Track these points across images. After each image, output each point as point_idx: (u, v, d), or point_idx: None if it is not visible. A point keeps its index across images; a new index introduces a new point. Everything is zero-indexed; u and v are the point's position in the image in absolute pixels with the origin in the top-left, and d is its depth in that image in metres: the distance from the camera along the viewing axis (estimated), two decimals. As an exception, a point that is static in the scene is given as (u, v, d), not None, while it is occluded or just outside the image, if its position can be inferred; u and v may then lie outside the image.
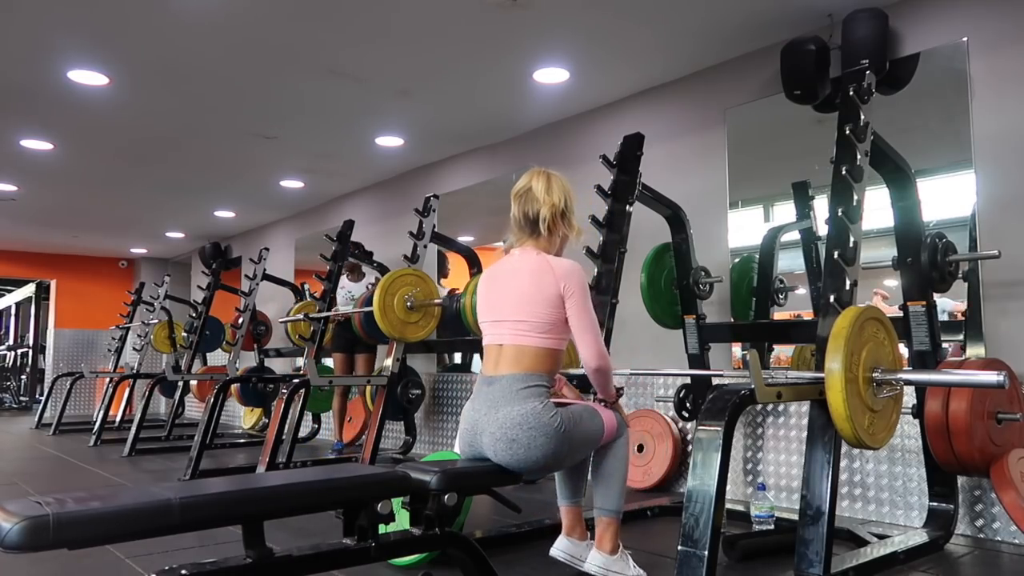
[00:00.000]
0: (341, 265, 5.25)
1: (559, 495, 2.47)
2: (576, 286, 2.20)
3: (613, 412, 2.34)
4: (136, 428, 6.02)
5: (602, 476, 2.32)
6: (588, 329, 2.20)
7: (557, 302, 2.19)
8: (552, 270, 2.21)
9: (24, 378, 12.78)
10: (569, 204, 2.34)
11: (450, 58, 4.01)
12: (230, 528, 1.72)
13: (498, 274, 2.32)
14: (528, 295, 2.20)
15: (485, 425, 2.15)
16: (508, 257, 2.34)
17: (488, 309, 2.31)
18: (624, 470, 2.34)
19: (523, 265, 2.25)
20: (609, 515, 2.29)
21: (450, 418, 5.53)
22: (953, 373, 2.49)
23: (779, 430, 3.64)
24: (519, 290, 2.22)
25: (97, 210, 7.85)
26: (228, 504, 1.59)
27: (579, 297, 2.20)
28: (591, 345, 2.21)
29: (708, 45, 3.87)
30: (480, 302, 2.34)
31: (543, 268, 2.22)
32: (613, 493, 2.30)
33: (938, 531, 2.79)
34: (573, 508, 2.44)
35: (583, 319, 2.19)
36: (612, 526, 2.28)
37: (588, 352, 2.21)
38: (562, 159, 4.90)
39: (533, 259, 2.25)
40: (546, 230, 2.28)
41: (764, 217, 4.07)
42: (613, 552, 2.26)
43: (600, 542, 2.28)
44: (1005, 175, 3.03)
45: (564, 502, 2.46)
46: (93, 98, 4.53)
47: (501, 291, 2.27)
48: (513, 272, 2.27)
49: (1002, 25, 3.08)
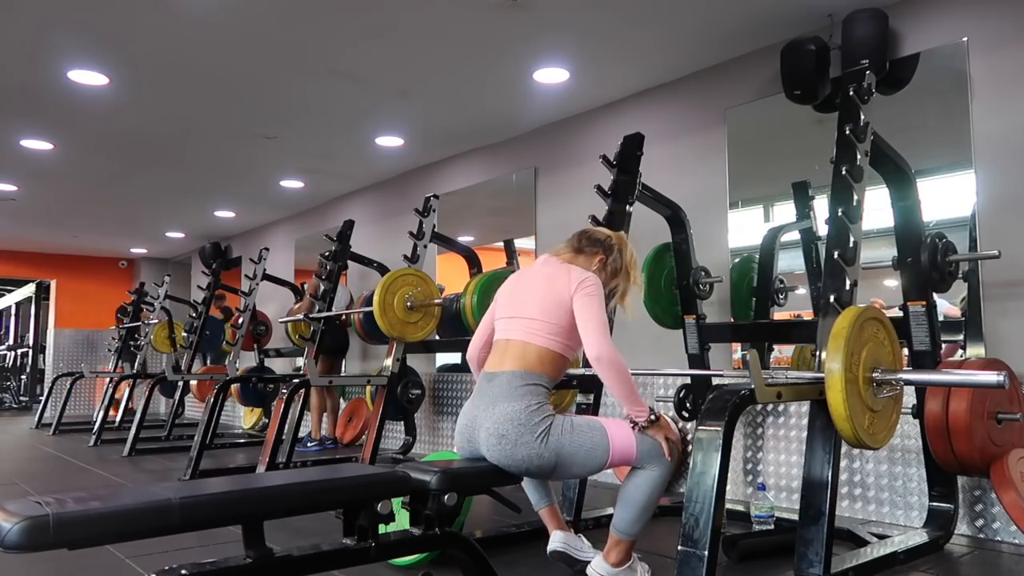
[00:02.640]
0: (341, 265, 5.26)
1: (532, 502, 2.48)
2: (587, 289, 2.21)
3: (639, 436, 2.17)
4: (136, 428, 6.02)
5: (622, 497, 2.22)
6: (591, 321, 2.17)
7: (566, 305, 2.21)
8: (569, 274, 2.26)
9: (24, 378, 12.78)
10: (626, 266, 2.42)
11: (450, 58, 4.01)
12: (230, 528, 1.72)
13: (524, 275, 2.41)
14: (542, 295, 2.25)
15: (482, 420, 2.16)
16: (536, 261, 2.43)
17: (505, 305, 2.36)
18: (646, 502, 2.18)
19: (545, 269, 2.34)
20: (620, 535, 2.22)
21: (450, 418, 5.53)
22: (953, 373, 2.48)
23: (779, 430, 3.64)
24: (536, 290, 2.28)
25: (97, 210, 7.85)
26: (228, 504, 1.59)
27: (587, 296, 2.20)
28: (594, 335, 2.14)
29: (708, 45, 3.87)
30: (501, 300, 2.39)
31: (561, 273, 2.28)
32: (629, 518, 2.20)
33: (938, 531, 2.79)
34: (548, 508, 2.46)
35: (589, 315, 2.18)
36: (621, 545, 2.22)
37: (590, 342, 2.15)
38: (562, 159, 4.90)
39: (556, 265, 2.33)
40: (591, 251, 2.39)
41: (764, 217, 4.07)
42: (618, 565, 2.23)
43: (607, 553, 2.24)
44: (1005, 175, 3.03)
45: (539, 506, 2.48)
46: (93, 98, 4.53)
47: (521, 290, 2.34)
48: (535, 275, 2.35)
49: (1002, 25, 3.08)
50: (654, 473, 2.18)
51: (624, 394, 2.16)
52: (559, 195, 4.92)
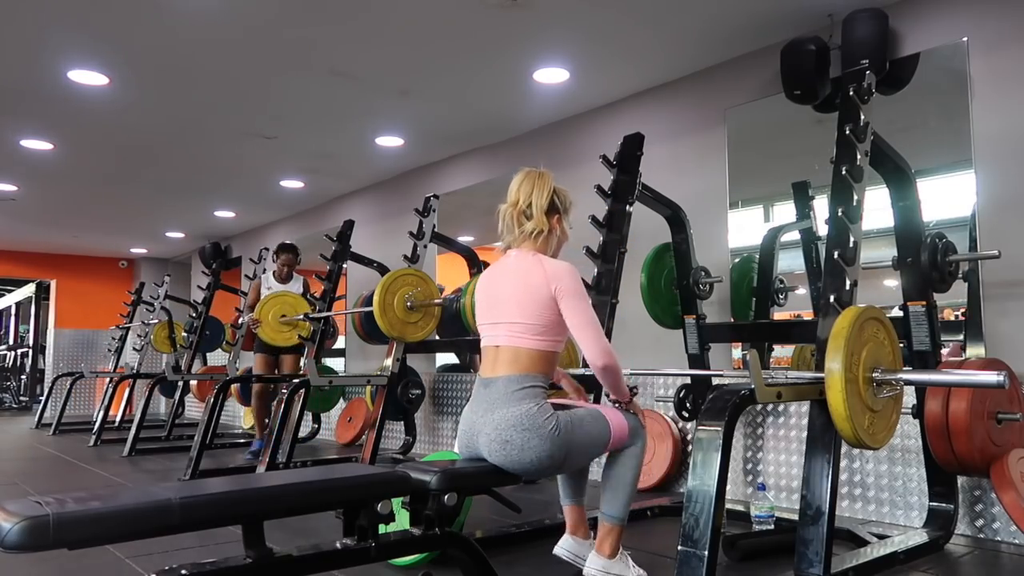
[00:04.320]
0: (341, 265, 5.25)
1: (561, 494, 2.47)
2: (568, 287, 2.16)
3: (625, 416, 2.27)
4: (136, 428, 6.02)
5: (609, 481, 2.28)
6: (586, 326, 2.15)
7: (549, 303, 2.16)
8: (544, 271, 2.19)
9: (24, 378, 12.78)
10: (561, 203, 2.30)
11: (450, 58, 4.01)
12: (230, 528, 1.72)
13: (494, 276, 2.31)
14: (521, 297, 2.19)
15: (481, 426, 2.15)
16: (504, 259, 2.32)
17: (485, 311, 2.30)
18: (633, 478, 2.27)
19: (517, 266, 2.24)
20: (612, 521, 2.25)
21: (450, 418, 5.53)
22: (953, 373, 2.48)
23: (779, 430, 3.64)
24: (513, 292, 2.21)
25: (97, 210, 7.85)
26: (228, 504, 1.59)
27: (572, 297, 2.16)
28: (593, 342, 2.15)
29: (708, 45, 3.87)
30: (478, 304, 2.33)
31: (535, 270, 2.20)
32: (619, 500, 2.25)
33: (938, 531, 2.79)
34: (575, 508, 2.44)
35: (580, 318, 2.15)
36: (614, 532, 2.25)
37: (590, 350, 2.16)
38: (562, 159, 4.90)
39: (527, 260, 2.24)
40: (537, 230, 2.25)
41: (764, 217, 4.07)
42: (612, 556, 2.24)
43: (600, 545, 2.26)
44: (1005, 175, 3.03)
45: (566, 501, 2.46)
46: (93, 98, 4.53)
47: (497, 293, 2.26)
48: (507, 274, 2.26)
49: (1002, 25, 3.08)
50: (638, 449, 2.28)
51: (615, 387, 2.27)
52: (559, 195, 4.91)
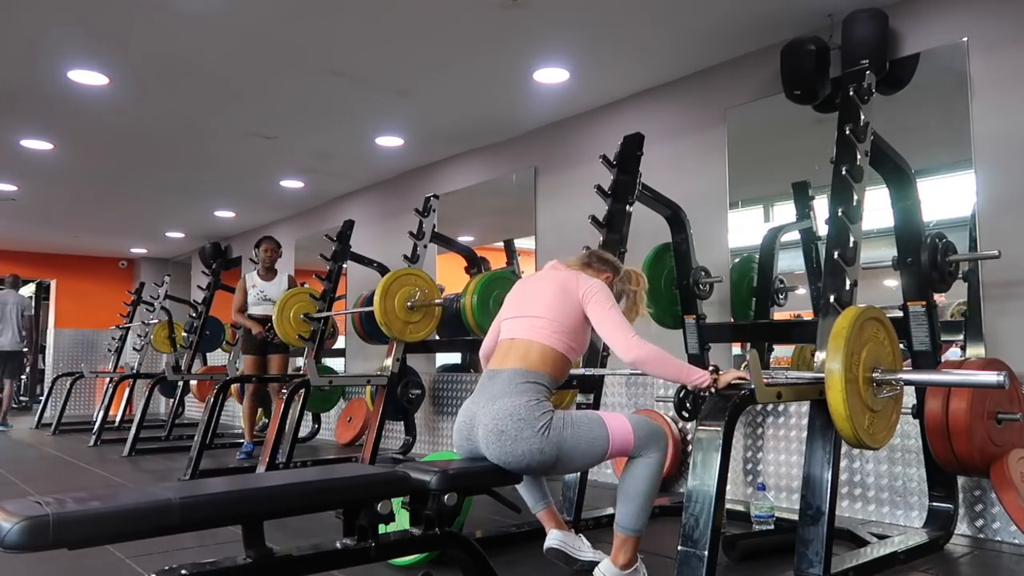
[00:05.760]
0: (341, 265, 5.25)
1: (530, 505, 2.47)
2: (596, 294, 2.27)
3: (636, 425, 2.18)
4: (136, 428, 6.02)
5: (623, 492, 2.20)
6: (612, 325, 2.22)
7: (576, 307, 2.27)
8: (578, 280, 2.32)
9: (24, 378, 12.77)
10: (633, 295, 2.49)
11: (450, 58, 4.01)
12: (230, 528, 1.72)
13: (530, 279, 2.49)
14: (550, 297, 2.30)
15: (481, 417, 2.16)
16: (546, 265, 2.50)
17: (511, 306, 2.41)
18: (647, 489, 2.17)
19: (554, 273, 2.40)
20: (624, 532, 2.20)
21: (450, 418, 5.53)
22: (953, 373, 2.49)
23: (779, 430, 3.64)
24: (544, 290, 2.34)
25: (97, 210, 7.85)
26: (228, 504, 1.59)
27: (599, 303, 2.26)
28: (621, 340, 2.19)
29: (708, 45, 3.87)
30: (507, 302, 2.44)
31: (571, 277, 2.34)
32: (632, 511, 2.18)
33: (938, 531, 2.79)
34: (546, 510, 2.45)
35: (606, 317, 2.23)
36: (628, 543, 2.20)
37: (619, 348, 2.19)
38: (562, 159, 4.90)
39: (566, 271, 2.40)
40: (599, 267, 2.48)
41: (764, 217, 4.07)
42: (626, 567, 2.20)
43: (615, 555, 2.21)
44: (1005, 175, 3.03)
45: (536, 508, 2.46)
46: (93, 98, 4.53)
47: (529, 291, 2.40)
48: (544, 279, 2.40)
49: (1002, 25, 3.08)
50: (652, 459, 2.19)
51: (673, 374, 2.18)
52: (559, 195, 4.92)
